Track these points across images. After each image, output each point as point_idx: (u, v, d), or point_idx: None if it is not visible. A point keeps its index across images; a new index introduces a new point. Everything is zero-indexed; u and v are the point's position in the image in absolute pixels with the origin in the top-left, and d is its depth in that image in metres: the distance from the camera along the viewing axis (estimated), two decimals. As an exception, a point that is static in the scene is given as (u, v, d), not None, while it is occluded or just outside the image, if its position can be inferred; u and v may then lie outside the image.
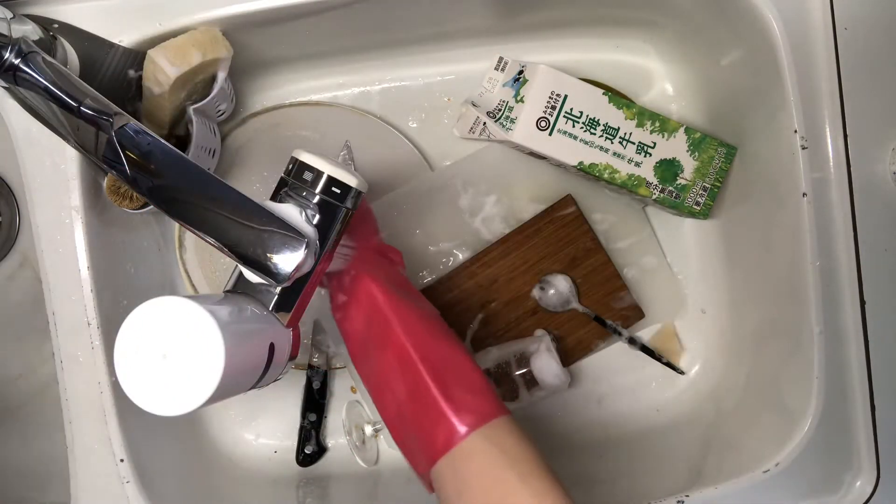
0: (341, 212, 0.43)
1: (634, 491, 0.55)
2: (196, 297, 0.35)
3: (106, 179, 0.56)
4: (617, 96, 0.60)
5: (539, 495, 0.40)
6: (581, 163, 0.60)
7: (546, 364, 0.61)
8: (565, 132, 0.59)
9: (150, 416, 0.34)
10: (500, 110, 0.62)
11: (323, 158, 0.43)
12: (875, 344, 0.51)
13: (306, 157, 0.43)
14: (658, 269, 0.67)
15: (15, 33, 0.44)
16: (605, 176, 0.60)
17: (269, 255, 0.38)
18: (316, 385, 0.67)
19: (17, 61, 0.39)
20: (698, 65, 0.64)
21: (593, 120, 0.59)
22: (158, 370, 0.34)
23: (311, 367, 0.67)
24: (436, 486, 0.44)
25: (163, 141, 0.39)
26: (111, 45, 0.51)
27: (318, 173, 0.43)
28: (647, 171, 0.60)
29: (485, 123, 0.62)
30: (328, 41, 0.63)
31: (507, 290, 0.65)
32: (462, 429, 0.42)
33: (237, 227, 0.38)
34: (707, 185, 0.61)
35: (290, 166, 0.43)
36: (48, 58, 0.41)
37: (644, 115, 0.60)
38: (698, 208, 0.61)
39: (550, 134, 0.59)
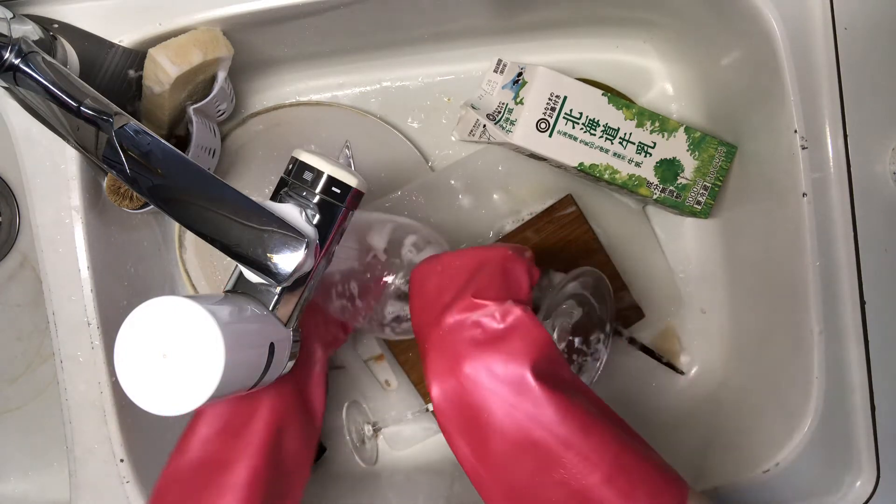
0: (341, 211, 0.43)
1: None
2: (196, 297, 0.35)
3: (106, 179, 0.56)
4: (616, 97, 0.60)
5: None
6: (581, 164, 0.60)
7: None
8: (565, 133, 0.59)
9: (150, 416, 0.34)
10: (499, 112, 0.62)
11: (323, 158, 0.43)
12: (875, 344, 0.51)
13: (306, 157, 0.43)
14: (658, 269, 0.67)
15: (15, 33, 0.43)
16: (606, 176, 0.60)
17: (269, 255, 0.38)
18: (316, 385, 0.67)
19: (17, 61, 0.39)
20: (698, 65, 0.64)
21: (593, 121, 0.59)
22: (158, 370, 0.34)
23: (311, 367, 0.67)
24: None
25: (163, 141, 0.39)
26: (111, 45, 0.51)
27: (318, 173, 0.43)
28: (647, 171, 0.60)
29: (484, 126, 0.62)
30: (328, 41, 0.63)
31: (507, 290, 0.65)
32: None
33: (237, 227, 0.38)
34: (708, 185, 0.61)
35: (290, 166, 0.43)
36: (48, 58, 0.41)
37: (644, 116, 0.60)
38: (699, 207, 0.61)
39: (550, 135, 0.59)
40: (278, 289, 0.42)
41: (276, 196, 0.44)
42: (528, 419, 0.37)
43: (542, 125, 0.59)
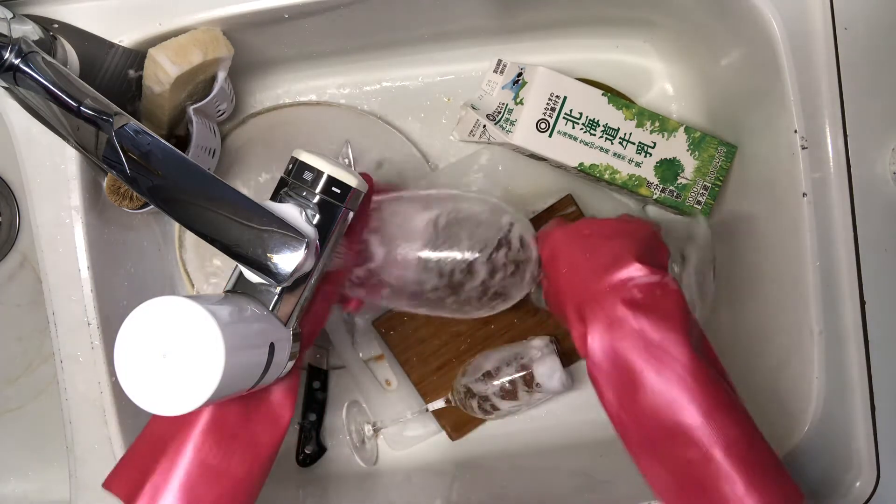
0: (341, 211, 0.43)
1: (634, 490, 0.55)
2: (196, 297, 0.35)
3: (106, 179, 0.56)
4: (616, 97, 0.60)
5: None
6: (581, 164, 0.60)
7: (549, 370, 0.61)
8: (565, 133, 0.59)
9: (150, 417, 0.34)
10: (499, 113, 0.62)
11: (323, 158, 0.43)
12: (875, 344, 0.51)
13: (306, 157, 0.43)
14: (658, 269, 0.67)
15: (15, 33, 0.44)
16: (606, 177, 0.60)
17: (269, 255, 0.38)
18: (316, 385, 0.67)
19: (17, 61, 0.39)
20: (698, 65, 0.64)
21: (593, 121, 0.59)
22: (158, 370, 0.34)
23: (311, 367, 0.67)
24: None
25: (163, 141, 0.39)
26: (111, 45, 0.51)
27: (318, 173, 0.43)
28: (647, 171, 0.60)
29: (484, 126, 0.62)
30: (328, 41, 0.63)
31: (507, 290, 0.65)
32: None
33: (237, 227, 0.38)
34: (708, 184, 0.61)
35: (290, 166, 0.43)
36: (48, 58, 0.41)
37: (644, 116, 0.60)
38: (699, 207, 0.61)
39: (550, 135, 0.59)
40: (278, 289, 0.42)
41: (276, 196, 0.44)
42: (676, 382, 0.41)
43: (542, 125, 0.59)
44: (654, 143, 0.60)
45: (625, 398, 0.43)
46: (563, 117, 0.59)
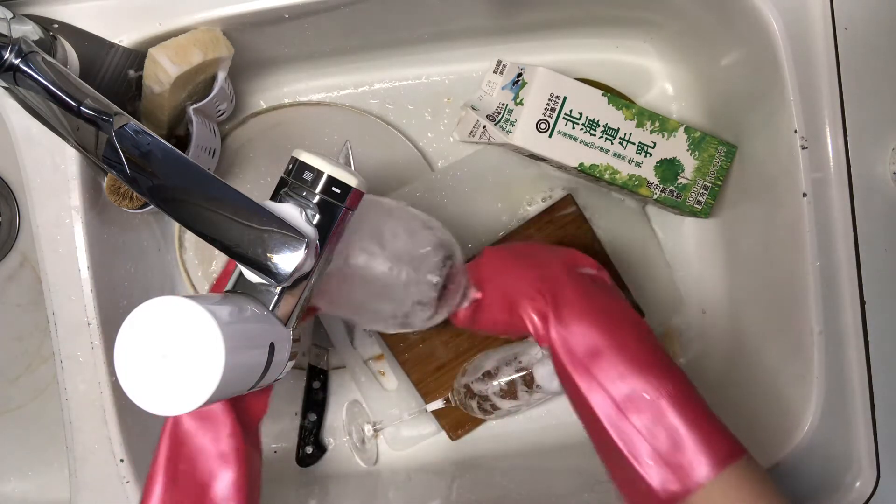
0: (341, 211, 0.43)
1: (634, 491, 0.55)
2: (196, 297, 0.35)
3: (106, 179, 0.56)
4: (616, 97, 0.60)
5: None
6: (581, 164, 0.60)
7: (549, 370, 0.60)
8: (565, 134, 0.59)
9: (150, 416, 0.34)
10: (499, 113, 0.62)
11: (323, 158, 0.43)
12: (875, 344, 0.51)
13: (306, 157, 0.43)
14: (658, 270, 0.67)
15: (15, 33, 0.44)
16: (606, 177, 0.60)
17: (269, 255, 0.38)
18: (316, 385, 0.67)
19: (17, 61, 0.39)
20: (698, 65, 0.64)
21: (593, 121, 0.59)
22: (158, 370, 0.34)
23: (311, 367, 0.67)
24: None
25: (163, 141, 0.39)
26: (111, 45, 0.51)
27: (318, 173, 0.42)
28: (647, 171, 0.60)
29: (484, 127, 0.62)
30: (328, 41, 0.63)
31: (507, 290, 0.65)
32: (703, 470, 0.40)
33: (237, 227, 0.38)
34: (708, 184, 0.61)
35: (290, 166, 0.43)
36: (48, 58, 0.41)
37: (644, 116, 0.60)
38: (699, 207, 0.61)
39: (550, 136, 0.59)
40: (278, 289, 0.42)
41: (276, 196, 0.43)
42: (644, 347, 0.45)
43: (542, 126, 0.59)
44: (654, 143, 0.60)
45: (593, 365, 0.45)
46: (563, 117, 0.59)
